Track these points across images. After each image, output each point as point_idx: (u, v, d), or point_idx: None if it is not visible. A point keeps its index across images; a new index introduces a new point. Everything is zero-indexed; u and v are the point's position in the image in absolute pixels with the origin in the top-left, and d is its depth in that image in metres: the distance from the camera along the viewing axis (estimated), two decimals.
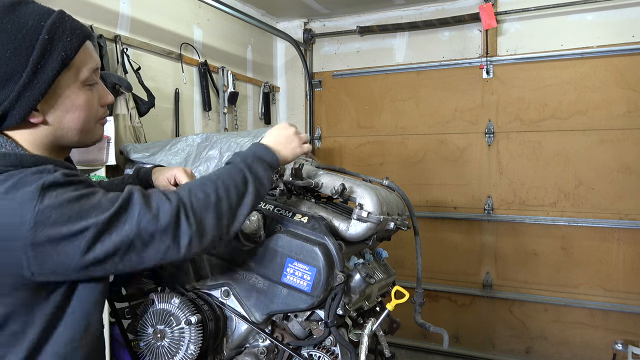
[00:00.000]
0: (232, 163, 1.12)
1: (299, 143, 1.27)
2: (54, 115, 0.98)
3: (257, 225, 1.31)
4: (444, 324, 1.87)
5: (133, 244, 0.90)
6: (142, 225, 0.91)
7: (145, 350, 1.24)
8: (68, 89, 0.98)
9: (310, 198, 1.48)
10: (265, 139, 1.23)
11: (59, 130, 1.00)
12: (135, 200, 0.93)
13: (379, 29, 4.25)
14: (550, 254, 3.86)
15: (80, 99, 1.00)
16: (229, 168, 1.10)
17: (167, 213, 0.93)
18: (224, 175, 1.06)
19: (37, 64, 0.92)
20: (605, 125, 3.67)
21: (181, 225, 0.94)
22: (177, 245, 0.94)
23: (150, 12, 3.18)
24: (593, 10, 3.65)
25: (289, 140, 1.25)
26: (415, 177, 4.24)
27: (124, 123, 2.75)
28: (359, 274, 1.31)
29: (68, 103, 0.99)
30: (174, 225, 0.93)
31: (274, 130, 1.26)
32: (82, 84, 1.00)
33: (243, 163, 1.11)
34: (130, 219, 0.90)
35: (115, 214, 0.90)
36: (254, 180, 1.09)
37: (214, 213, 0.99)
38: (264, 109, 4.43)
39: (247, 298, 1.31)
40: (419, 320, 1.64)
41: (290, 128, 1.27)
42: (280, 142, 1.23)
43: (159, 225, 0.92)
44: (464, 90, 4.08)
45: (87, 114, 1.03)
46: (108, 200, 0.92)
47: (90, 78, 1.02)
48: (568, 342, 3.83)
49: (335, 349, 1.31)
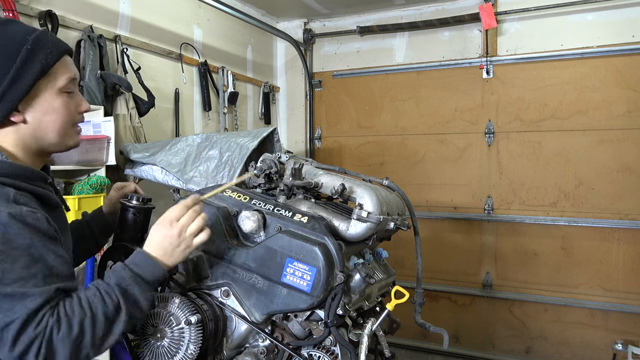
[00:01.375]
0: (108, 283, 1.05)
1: (188, 243, 1.14)
2: (32, 116, 1.09)
3: (257, 225, 1.31)
4: (444, 324, 1.87)
5: None
6: (7, 331, 0.93)
7: (145, 350, 1.24)
8: (46, 93, 1.10)
9: (310, 198, 1.48)
10: (150, 246, 1.13)
11: (39, 131, 1.10)
12: (28, 304, 0.94)
13: (379, 29, 4.25)
14: (550, 254, 3.86)
15: (57, 103, 1.11)
16: (104, 289, 1.03)
17: (24, 340, 0.93)
18: (96, 301, 1.01)
19: (19, 69, 1.05)
20: (605, 125, 3.67)
21: (28, 356, 0.93)
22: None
23: (150, 12, 3.18)
24: (593, 10, 3.65)
25: (174, 245, 1.13)
26: (415, 177, 4.24)
27: (124, 123, 2.75)
28: (359, 274, 1.31)
29: (46, 105, 1.10)
30: (22, 353, 0.93)
31: (158, 236, 1.13)
32: (59, 91, 1.11)
33: (118, 287, 1.04)
34: (6, 314, 0.93)
35: (4, 295, 0.93)
36: (129, 306, 1.04)
37: (70, 348, 0.96)
38: (264, 109, 4.43)
39: (247, 298, 1.31)
40: (419, 320, 1.64)
41: (174, 229, 1.13)
42: (165, 249, 1.12)
43: (11, 347, 0.93)
44: (464, 90, 4.08)
45: (63, 117, 1.12)
46: (19, 275, 0.95)
47: (67, 86, 1.13)
48: (568, 342, 3.83)
49: (335, 349, 1.31)
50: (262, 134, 2.65)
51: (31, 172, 1.08)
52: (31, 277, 0.96)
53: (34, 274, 0.96)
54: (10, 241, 0.95)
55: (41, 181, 1.10)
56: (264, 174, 1.50)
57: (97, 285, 1.05)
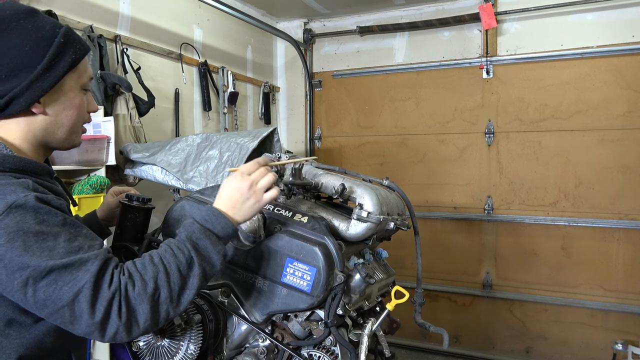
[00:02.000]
0: (179, 238, 1.04)
1: (258, 197, 1.12)
2: (53, 109, 1.08)
3: (257, 225, 1.31)
4: (444, 324, 1.87)
5: (61, 311, 0.91)
6: (78, 302, 0.90)
7: (145, 350, 1.24)
8: (70, 88, 1.09)
9: (310, 198, 1.48)
10: (219, 200, 1.12)
11: (53, 125, 1.09)
12: (90, 268, 0.92)
13: (379, 29, 4.25)
14: (550, 254, 3.86)
15: (77, 100, 1.11)
16: (175, 245, 1.03)
17: (102, 303, 0.91)
18: (168, 256, 1.00)
19: (52, 60, 1.03)
20: (605, 125, 3.67)
21: (111, 317, 0.92)
22: (102, 334, 0.93)
23: (150, 12, 3.18)
24: (593, 10, 3.65)
25: (244, 197, 1.11)
26: (415, 177, 4.24)
27: (124, 123, 2.75)
28: (359, 274, 1.31)
29: (67, 101, 1.09)
30: (104, 316, 0.91)
31: (228, 188, 1.12)
32: (81, 88, 1.12)
33: (189, 241, 1.03)
34: (71, 285, 0.90)
35: (61, 267, 0.90)
36: (201, 260, 1.03)
37: (149, 305, 0.95)
38: (264, 109, 4.43)
39: (247, 298, 1.31)
40: (419, 320, 1.64)
41: (245, 181, 1.12)
42: (235, 202, 1.11)
43: (91, 313, 0.91)
44: (464, 90, 4.08)
45: (78, 115, 1.13)
46: (66, 248, 0.93)
47: (87, 84, 1.14)
48: (568, 342, 3.83)
49: (335, 349, 1.31)
50: (262, 134, 2.65)
51: (39, 167, 1.06)
52: (79, 248, 0.94)
53: (80, 244, 0.95)
54: (45, 221, 0.93)
55: (48, 175, 1.09)
56: None
57: (169, 242, 1.04)
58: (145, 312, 0.94)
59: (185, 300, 1.01)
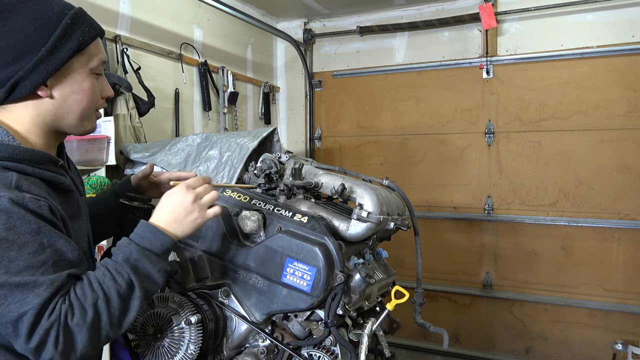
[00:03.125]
0: (116, 260, 1.01)
1: (201, 212, 1.09)
2: (60, 92, 1.05)
3: (257, 225, 1.31)
4: (444, 324, 1.87)
5: (5, 325, 0.91)
6: (21, 322, 0.90)
7: (145, 350, 1.24)
8: (77, 72, 1.06)
9: (310, 198, 1.47)
10: (159, 213, 1.08)
11: (61, 109, 1.07)
12: (41, 293, 0.91)
13: (379, 29, 4.25)
14: (550, 254, 3.86)
15: (86, 84, 1.08)
16: (113, 268, 1.00)
17: (39, 332, 0.90)
18: (107, 281, 0.98)
19: (56, 42, 1.01)
20: (605, 125, 3.67)
21: (46, 346, 0.91)
22: (36, 359, 0.92)
23: (150, 12, 3.18)
24: (593, 10, 3.65)
25: (187, 211, 1.07)
26: (415, 177, 4.24)
27: (124, 123, 2.75)
28: (359, 274, 1.31)
29: (75, 85, 1.07)
30: (39, 345, 0.91)
31: (170, 200, 1.08)
32: (90, 71, 1.09)
33: (127, 263, 1.00)
34: (19, 304, 0.90)
35: (13, 285, 0.90)
36: (141, 282, 1.00)
37: (88, 333, 0.94)
38: (264, 109, 4.43)
39: (247, 298, 1.31)
40: (419, 320, 1.63)
41: (189, 195, 1.08)
42: (177, 216, 1.07)
43: (26, 339, 0.90)
44: (464, 90, 4.08)
45: (89, 99, 1.09)
46: (27, 261, 0.91)
47: (98, 68, 1.10)
48: (568, 342, 3.83)
49: (335, 349, 1.31)
50: (262, 134, 2.65)
51: (40, 156, 1.02)
52: (41, 264, 0.92)
53: (44, 260, 0.92)
54: (14, 228, 0.90)
55: (51, 164, 1.05)
56: (264, 174, 1.50)
57: (106, 265, 1.01)
58: (83, 339, 0.94)
59: (126, 323, 1.00)
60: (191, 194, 1.09)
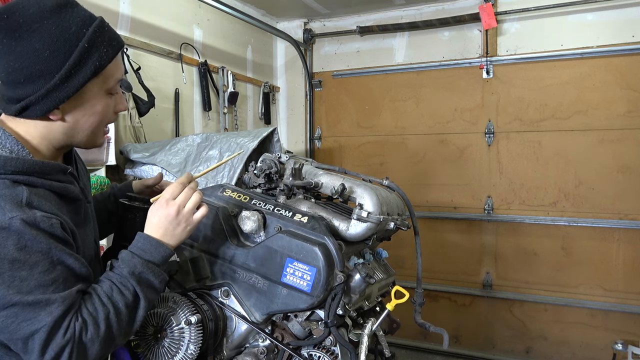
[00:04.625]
0: (121, 274, 1.04)
1: (188, 221, 1.12)
2: (72, 116, 1.04)
3: (257, 225, 1.31)
4: (444, 324, 1.87)
5: (15, 341, 0.93)
6: (32, 340, 0.91)
7: (145, 350, 1.24)
8: (93, 95, 1.04)
9: (310, 198, 1.47)
10: (150, 228, 1.11)
11: (72, 130, 1.06)
12: (53, 311, 0.92)
13: (379, 29, 4.25)
14: (550, 254, 3.86)
15: (100, 106, 1.06)
16: (119, 281, 1.03)
17: (54, 348, 0.92)
18: (115, 295, 1.01)
19: (71, 69, 0.97)
20: (605, 125, 3.67)
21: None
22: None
23: (150, 12, 3.18)
24: (593, 10, 3.65)
25: (174, 224, 1.11)
26: (415, 177, 4.24)
27: (124, 123, 2.75)
28: (359, 274, 1.31)
29: (89, 108, 1.05)
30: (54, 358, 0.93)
31: (155, 217, 1.11)
32: (106, 92, 1.06)
33: (132, 276, 1.04)
34: (30, 322, 0.91)
35: (25, 304, 0.91)
36: (146, 292, 1.05)
37: (100, 345, 0.97)
38: (264, 109, 4.43)
39: (247, 298, 1.31)
40: (419, 320, 1.64)
41: (171, 207, 1.10)
42: (166, 230, 1.10)
43: (40, 355, 0.92)
44: (464, 90, 4.08)
45: (101, 119, 1.08)
46: (39, 281, 0.92)
47: (114, 88, 1.08)
48: (568, 342, 3.83)
49: (335, 349, 1.31)
50: (262, 134, 2.65)
51: (49, 167, 1.02)
52: (52, 283, 0.93)
53: (55, 278, 0.94)
54: (26, 248, 0.91)
55: (60, 174, 1.05)
56: (264, 174, 1.50)
57: (110, 278, 1.04)
58: (94, 352, 0.97)
59: (133, 330, 1.05)
60: (173, 206, 1.10)
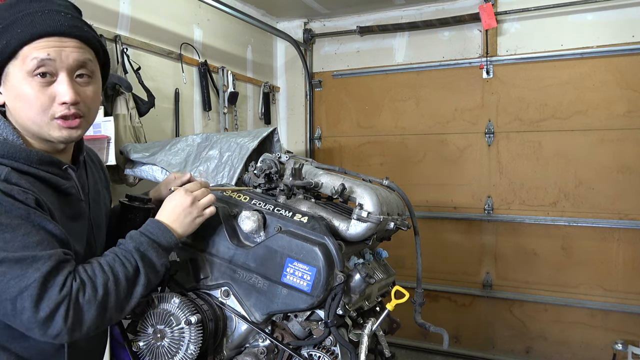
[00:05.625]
0: (126, 248, 1.09)
1: (199, 212, 1.20)
2: (7, 99, 1.06)
3: (257, 225, 1.31)
4: (444, 324, 1.87)
5: (4, 303, 0.93)
6: (23, 297, 0.92)
7: (145, 350, 1.24)
8: (14, 77, 1.03)
9: (310, 198, 1.47)
10: (162, 214, 1.19)
11: (17, 117, 1.06)
12: (41, 267, 0.93)
13: (379, 29, 4.25)
14: (550, 254, 3.86)
15: (23, 89, 1.03)
16: (123, 254, 1.07)
17: (49, 304, 0.93)
18: (117, 265, 1.04)
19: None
20: (605, 125, 3.67)
21: (55, 319, 0.94)
22: (43, 332, 0.95)
23: (150, 12, 3.18)
24: (593, 10, 3.65)
25: (186, 212, 1.19)
26: (415, 177, 4.24)
27: (124, 123, 2.75)
28: (359, 274, 1.31)
29: (14, 90, 1.04)
30: (48, 316, 0.93)
31: (171, 203, 1.19)
32: (27, 75, 1.02)
33: (137, 252, 1.08)
34: (19, 280, 0.92)
35: (12, 261, 0.92)
36: (147, 270, 1.08)
37: (97, 310, 0.99)
38: (264, 109, 4.43)
39: (247, 298, 1.31)
40: (419, 320, 1.63)
41: (187, 197, 1.19)
42: (177, 216, 1.18)
43: (34, 311, 0.92)
44: (464, 90, 4.08)
45: (32, 106, 1.04)
46: (23, 242, 0.93)
47: (36, 70, 1.02)
48: (568, 342, 3.83)
49: (335, 349, 1.31)
50: (262, 134, 2.65)
51: (37, 156, 1.03)
52: (37, 244, 0.95)
53: (39, 240, 0.96)
54: (5, 213, 0.94)
55: (52, 166, 1.06)
56: (264, 174, 1.50)
57: (115, 251, 1.08)
58: (91, 317, 0.98)
59: (129, 307, 1.07)
60: (189, 196, 1.20)
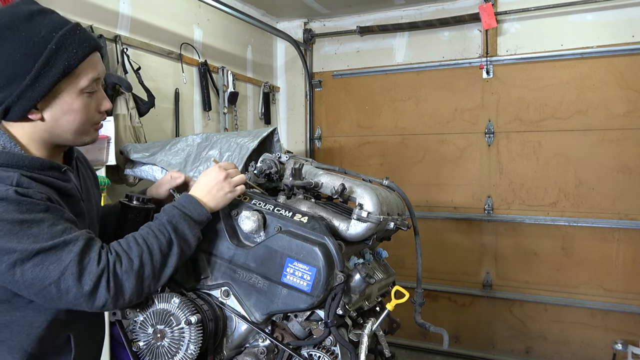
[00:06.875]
0: (160, 221, 1.16)
1: (230, 188, 1.27)
2: (51, 115, 1.10)
3: (257, 225, 1.31)
4: (444, 324, 1.87)
5: (48, 288, 0.99)
6: (65, 277, 0.99)
7: (145, 350, 1.24)
8: (66, 94, 1.09)
9: (310, 198, 1.47)
10: (196, 188, 1.25)
11: (55, 129, 1.12)
12: (73, 248, 1.01)
13: (379, 29, 4.25)
14: (550, 254, 3.86)
15: (77, 104, 1.11)
16: (157, 227, 1.14)
17: (91, 277, 1.01)
18: (150, 238, 1.11)
19: (40, 70, 1.04)
20: (605, 125, 3.67)
21: (99, 290, 1.02)
22: (91, 304, 1.03)
23: (150, 12, 3.18)
24: (593, 10, 3.65)
25: (219, 186, 1.25)
26: (415, 177, 4.24)
27: (124, 123, 2.75)
28: (359, 274, 1.31)
29: (65, 106, 1.10)
30: (93, 289, 1.01)
31: (206, 177, 1.27)
32: (81, 91, 1.11)
33: (169, 224, 1.15)
34: (57, 264, 0.99)
35: (47, 249, 0.99)
36: (180, 241, 1.15)
37: (135, 280, 1.07)
38: (264, 109, 4.43)
39: (247, 298, 1.31)
40: (419, 320, 1.63)
41: (221, 173, 1.27)
42: (211, 189, 1.25)
43: (79, 287, 1.00)
44: (464, 90, 4.08)
45: (82, 118, 1.13)
46: (50, 233, 1.00)
47: (90, 86, 1.12)
48: (568, 342, 3.83)
49: (335, 349, 1.31)
50: (262, 134, 2.65)
51: (39, 163, 1.08)
52: (62, 231, 1.01)
53: (64, 229, 1.02)
54: (29, 210, 0.99)
55: (53, 170, 1.11)
56: (264, 174, 1.50)
57: (149, 225, 1.16)
58: (131, 286, 1.06)
59: (164, 277, 1.13)
60: (223, 172, 1.27)
